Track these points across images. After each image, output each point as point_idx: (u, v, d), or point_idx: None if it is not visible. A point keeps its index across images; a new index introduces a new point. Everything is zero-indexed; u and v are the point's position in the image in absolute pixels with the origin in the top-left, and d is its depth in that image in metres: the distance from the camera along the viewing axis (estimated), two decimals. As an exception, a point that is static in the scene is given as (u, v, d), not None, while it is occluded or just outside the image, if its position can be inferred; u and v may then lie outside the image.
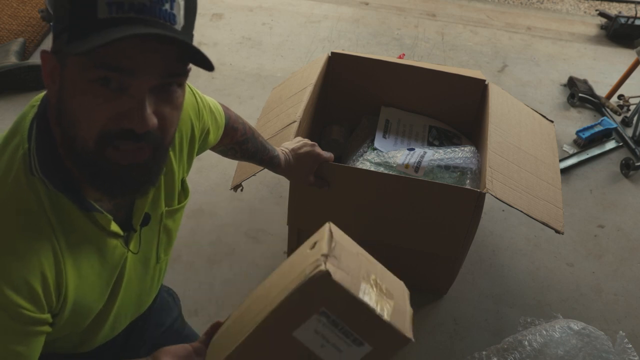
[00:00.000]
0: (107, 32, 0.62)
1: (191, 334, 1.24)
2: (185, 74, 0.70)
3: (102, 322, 0.87)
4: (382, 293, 0.73)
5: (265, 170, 1.34)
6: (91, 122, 0.66)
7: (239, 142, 1.17)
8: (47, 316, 0.73)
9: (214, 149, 1.15)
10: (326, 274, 0.67)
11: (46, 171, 0.71)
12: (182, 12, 0.68)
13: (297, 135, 1.45)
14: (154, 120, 0.67)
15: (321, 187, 1.40)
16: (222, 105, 1.09)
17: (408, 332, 0.72)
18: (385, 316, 0.70)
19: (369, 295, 0.70)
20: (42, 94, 0.76)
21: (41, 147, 0.71)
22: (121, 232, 0.80)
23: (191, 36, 0.72)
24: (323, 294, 0.68)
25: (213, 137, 1.04)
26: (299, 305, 0.69)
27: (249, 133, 1.18)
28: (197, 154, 1.01)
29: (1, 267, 0.67)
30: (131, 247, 0.84)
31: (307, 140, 1.35)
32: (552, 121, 1.80)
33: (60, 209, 0.72)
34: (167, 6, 0.65)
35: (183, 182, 0.92)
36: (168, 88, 0.69)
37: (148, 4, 0.63)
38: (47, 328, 0.74)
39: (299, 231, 1.66)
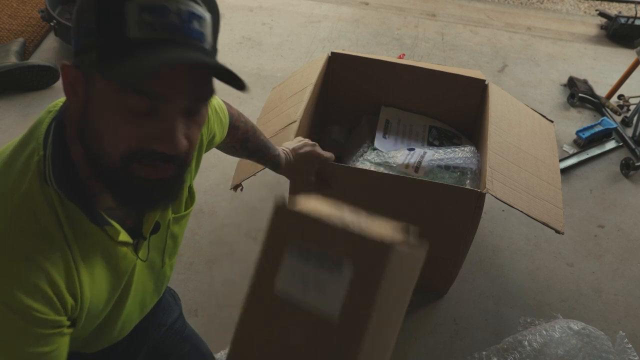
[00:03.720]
0: (144, 56, 0.61)
1: (191, 334, 1.23)
2: (213, 94, 0.69)
3: (109, 327, 0.87)
4: (353, 213, 0.68)
5: (266, 170, 1.34)
6: (120, 141, 0.66)
7: (241, 140, 1.16)
8: (63, 318, 0.72)
9: (215, 147, 1.15)
10: (281, 203, 0.62)
11: (59, 182, 0.70)
12: (209, 30, 0.67)
13: (297, 135, 1.45)
14: (184, 143, 0.67)
15: (322, 189, 1.40)
16: (225, 103, 1.09)
17: (387, 238, 0.61)
18: (353, 225, 0.62)
19: (332, 213, 0.64)
20: (61, 100, 0.76)
21: (56, 156, 0.71)
22: (130, 241, 0.79)
23: (216, 52, 0.71)
24: (286, 227, 0.64)
25: (219, 138, 1.05)
26: (270, 253, 0.63)
27: (250, 131, 1.18)
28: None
29: (13, 273, 0.68)
30: (140, 254, 0.84)
31: (307, 140, 1.35)
32: (552, 121, 1.80)
33: (73, 217, 0.72)
34: (196, 25, 0.64)
35: (190, 188, 0.93)
36: (196, 109, 0.69)
37: (178, 23, 0.62)
38: (67, 330, 0.74)
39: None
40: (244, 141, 1.17)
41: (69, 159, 0.71)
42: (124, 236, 0.78)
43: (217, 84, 0.69)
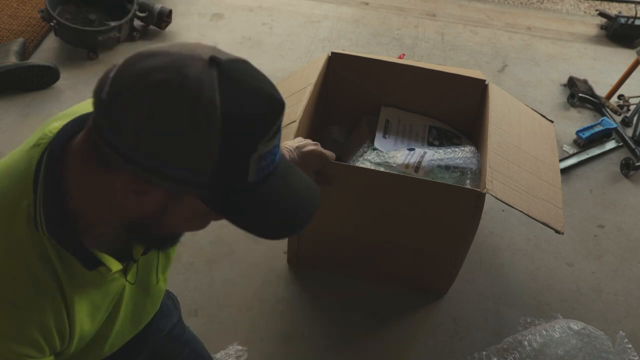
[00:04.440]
0: (265, 198, 0.70)
1: (191, 338, 1.23)
2: None
3: (99, 345, 0.88)
4: None
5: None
6: (190, 230, 0.75)
7: None
8: (50, 358, 0.75)
9: None
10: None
11: (53, 230, 0.69)
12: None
13: (296, 135, 1.45)
14: None
15: (323, 185, 1.40)
16: None
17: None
18: None
19: None
20: (49, 130, 0.72)
21: (50, 204, 0.69)
22: (120, 267, 0.79)
23: None
24: None
25: None
26: None
27: None
28: None
29: (4, 321, 0.69)
30: (129, 277, 0.83)
31: (309, 140, 1.35)
32: (552, 121, 1.80)
33: (67, 262, 0.72)
34: (277, 150, 0.70)
35: None
36: None
37: (276, 159, 0.70)
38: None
39: (299, 230, 1.66)
40: None
41: (63, 207, 0.69)
42: (115, 266, 0.77)
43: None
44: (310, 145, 1.32)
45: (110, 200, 0.67)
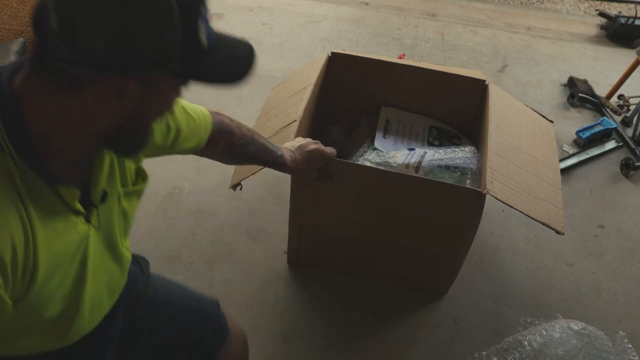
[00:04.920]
0: (223, 58, 0.77)
1: (158, 280, 1.18)
2: None
3: (76, 310, 0.87)
4: None
5: (265, 169, 1.34)
6: (164, 113, 0.80)
7: (238, 146, 1.17)
8: (6, 296, 0.72)
9: (212, 155, 1.16)
10: None
11: (16, 146, 0.71)
12: None
13: (297, 135, 1.45)
14: None
15: (324, 182, 1.41)
16: (214, 112, 1.13)
17: None
18: None
19: None
20: None
21: (9, 121, 0.71)
22: (82, 210, 0.81)
23: None
24: None
25: (195, 141, 1.07)
26: None
27: (247, 136, 1.19)
28: (183, 153, 1.07)
29: None
30: (92, 221, 0.85)
31: (309, 139, 1.36)
32: (552, 121, 1.80)
33: (28, 180, 0.73)
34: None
35: (140, 168, 0.96)
36: None
37: (210, 26, 0.75)
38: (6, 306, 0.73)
39: (300, 226, 1.66)
40: (242, 146, 1.18)
41: (23, 126, 0.71)
42: (77, 195, 0.78)
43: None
44: (311, 144, 1.33)
45: (81, 121, 0.71)
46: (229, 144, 1.16)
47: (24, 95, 0.71)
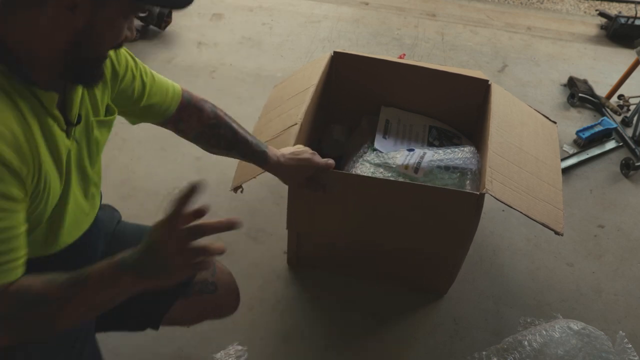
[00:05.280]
0: None
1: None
2: None
3: (61, 217, 0.94)
4: None
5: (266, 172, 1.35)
6: (117, 38, 0.84)
7: (209, 126, 1.19)
8: (23, 204, 0.80)
9: (186, 132, 1.19)
10: None
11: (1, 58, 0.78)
12: None
13: (298, 136, 1.45)
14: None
15: (315, 191, 1.40)
16: (186, 90, 1.18)
17: None
18: None
19: None
20: None
21: None
22: (61, 118, 0.87)
23: None
24: None
25: (161, 98, 1.11)
26: None
27: (220, 118, 1.21)
28: (155, 118, 1.14)
29: None
30: (75, 133, 0.92)
31: (307, 148, 1.36)
32: (555, 122, 1.80)
33: (16, 86, 0.80)
34: None
35: (108, 105, 1.03)
36: None
37: None
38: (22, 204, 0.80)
39: (299, 233, 1.67)
40: (213, 127, 1.20)
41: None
42: (54, 99, 0.84)
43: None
44: (306, 153, 1.34)
45: (44, 34, 0.79)
46: (199, 122, 1.18)
47: None
